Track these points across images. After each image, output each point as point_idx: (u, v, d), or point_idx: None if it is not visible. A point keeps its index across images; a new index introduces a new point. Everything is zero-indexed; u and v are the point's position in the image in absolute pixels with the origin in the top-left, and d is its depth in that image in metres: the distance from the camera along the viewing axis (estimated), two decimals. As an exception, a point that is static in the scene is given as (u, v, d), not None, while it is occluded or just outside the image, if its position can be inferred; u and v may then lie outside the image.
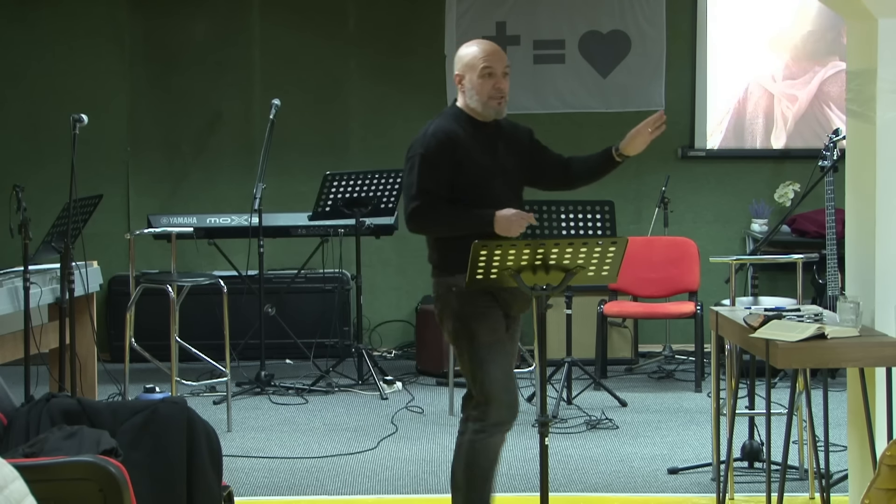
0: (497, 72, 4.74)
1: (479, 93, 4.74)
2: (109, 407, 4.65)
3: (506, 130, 4.86)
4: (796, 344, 4.53)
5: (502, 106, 4.78)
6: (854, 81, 4.98)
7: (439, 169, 4.70)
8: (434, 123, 4.83)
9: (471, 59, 4.76)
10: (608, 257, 4.38)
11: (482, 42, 4.86)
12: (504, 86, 4.76)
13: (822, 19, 9.13)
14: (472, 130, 4.77)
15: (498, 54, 4.79)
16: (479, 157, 4.73)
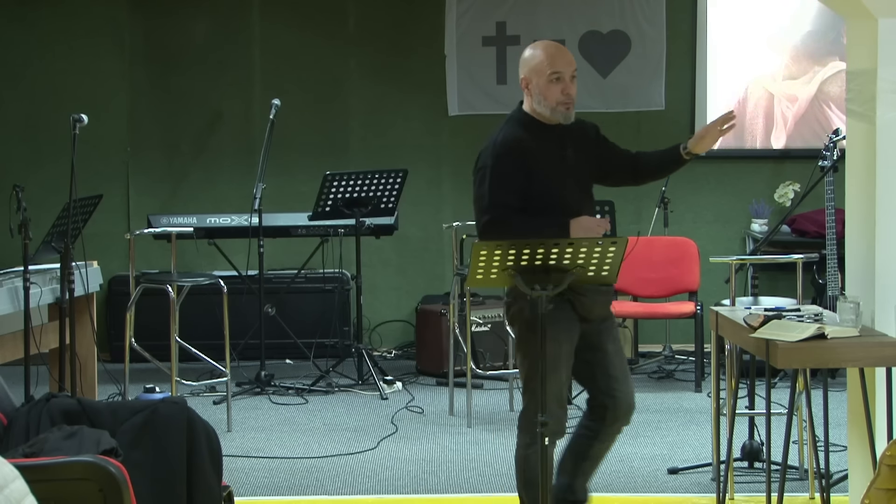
0: (565, 76, 4.71)
1: (547, 98, 4.69)
2: (109, 407, 4.65)
3: (573, 130, 4.79)
4: (796, 344, 4.53)
5: (570, 111, 4.73)
6: (854, 81, 4.98)
7: (509, 180, 4.62)
8: (502, 131, 4.73)
9: (537, 64, 4.70)
10: (608, 257, 4.38)
11: (549, 45, 4.79)
12: (573, 90, 4.72)
13: (822, 19, 9.13)
14: (541, 135, 4.71)
15: (565, 58, 4.74)
16: (549, 162, 4.67)
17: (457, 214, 9.02)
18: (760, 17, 9.20)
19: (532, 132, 4.69)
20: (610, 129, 5.00)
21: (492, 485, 6.01)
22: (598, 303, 4.72)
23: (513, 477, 6.09)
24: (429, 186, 9.34)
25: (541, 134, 4.70)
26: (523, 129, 4.70)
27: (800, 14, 9.19)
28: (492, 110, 9.32)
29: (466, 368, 7.20)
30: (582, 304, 4.66)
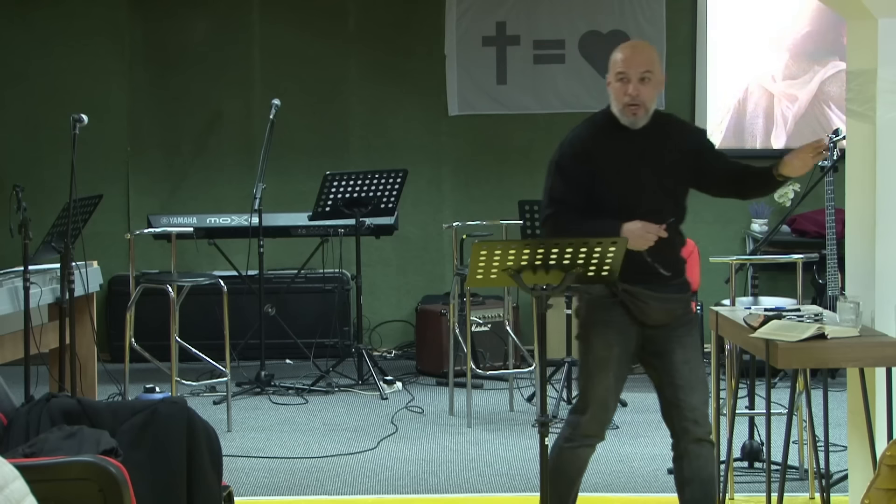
0: (631, 77, 4.52)
1: (616, 99, 4.54)
2: (109, 407, 4.65)
3: (663, 133, 4.60)
4: (796, 344, 4.53)
5: (638, 115, 4.53)
6: (854, 81, 4.98)
7: (571, 178, 4.54)
8: (576, 129, 4.65)
9: (611, 62, 4.56)
10: (608, 257, 4.37)
11: (628, 43, 4.68)
12: (639, 91, 4.50)
13: (822, 19, 9.13)
14: (617, 135, 4.56)
15: (635, 58, 4.55)
16: (619, 164, 4.53)
17: (457, 214, 9.02)
18: (760, 17, 9.20)
19: (607, 132, 4.57)
20: None
21: (492, 485, 6.01)
22: (656, 308, 4.59)
23: (512, 477, 6.11)
24: (429, 186, 9.34)
25: (617, 135, 4.56)
26: (597, 129, 4.60)
27: (800, 14, 9.19)
28: (492, 110, 9.34)
29: (466, 368, 7.20)
30: (637, 308, 4.57)
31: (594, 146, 4.55)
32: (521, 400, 7.58)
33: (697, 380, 4.63)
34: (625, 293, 4.53)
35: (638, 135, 4.57)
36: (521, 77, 9.29)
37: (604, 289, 4.55)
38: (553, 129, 9.35)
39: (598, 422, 4.63)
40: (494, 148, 9.38)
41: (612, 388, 4.62)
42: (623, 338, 4.60)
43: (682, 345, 4.64)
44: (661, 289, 4.58)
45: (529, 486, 5.81)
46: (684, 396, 4.60)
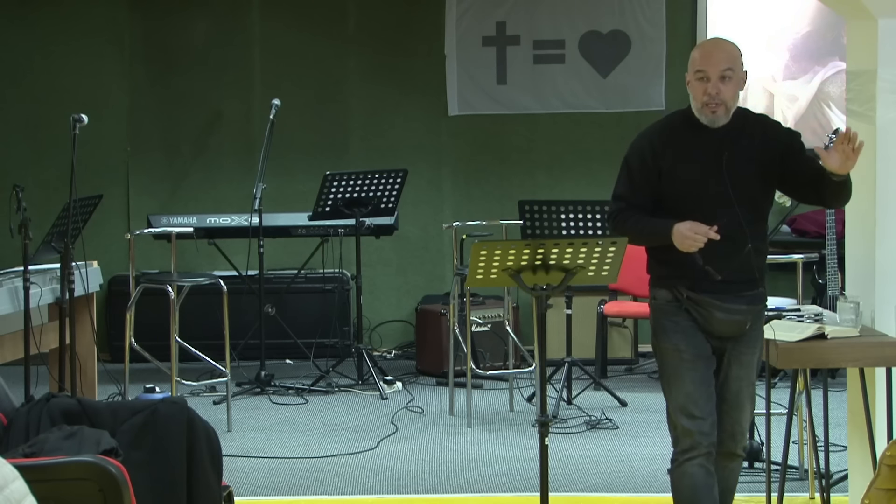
0: (711, 75, 4.37)
1: (694, 98, 4.40)
2: (109, 407, 4.65)
3: (743, 134, 4.43)
4: (796, 344, 4.53)
5: (718, 114, 4.37)
6: (854, 81, 4.98)
7: (636, 176, 4.43)
8: (651, 125, 4.55)
9: (690, 60, 4.43)
10: (608, 257, 4.38)
11: (708, 40, 4.56)
12: (718, 90, 4.35)
13: (821, 19, 9.13)
14: (690, 134, 4.42)
15: (714, 55, 4.40)
16: (690, 166, 4.38)
17: (457, 214, 9.02)
18: (760, 17, 9.20)
19: (681, 131, 4.44)
20: (610, 130, 4.96)
21: (492, 485, 6.01)
22: (721, 319, 4.40)
23: (512, 477, 6.11)
24: (429, 186, 9.34)
25: (692, 134, 4.41)
26: (668, 127, 4.48)
27: (800, 14, 9.19)
28: (492, 110, 9.34)
29: (466, 368, 7.19)
30: (702, 317, 4.41)
31: (663, 144, 4.41)
32: (521, 400, 7.58)
33: (747, 398, 4.50)
34: (689, 300, 4.40)
35: (714, 135, 4.40)
36: (521, 77, 9.29)
37: (668, 294, 4.43)
38: (553, 129, 9.37)
39: (689, 435, 4.40)
40: (494, 148, 9.37)
41: (695, 395, 4.40)
42: (692, 341, 4.42)
43: (741, 362, 4.46)
44: (730, 299, 4.38)
45: (529, 486, 5.81)
46: (729, 410, 4.48)
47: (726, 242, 4.30)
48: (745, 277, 4.38)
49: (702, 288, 4.37)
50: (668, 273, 4.44)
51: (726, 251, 4.32)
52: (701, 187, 4.37)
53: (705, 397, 4.39)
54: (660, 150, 4.40)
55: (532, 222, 7.37)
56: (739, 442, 4.54)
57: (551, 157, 9.27)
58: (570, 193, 8.47)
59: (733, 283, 4.37)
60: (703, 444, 4.39)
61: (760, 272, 4.43)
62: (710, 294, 4.37)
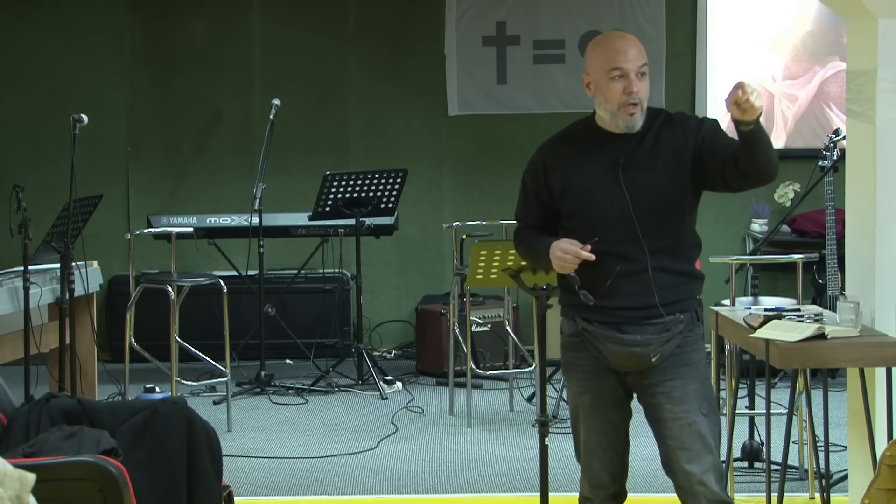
0: (630, 72, 3.89)
1: (608, 100, 3.91)
2: (109, 407, 4.65)
3: (650, 137, 3.95)
4: (796, 344, 4.53)
5: (637, 115, 3.91)
6: (854, 81, 4.98)
7: (529, 194, 4.09)
8: (551, 136, 4.17)
9: (598, 58, 3.93)
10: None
11: (613, 35, 4.01)
12: (638, 88, 3.88)
13: (822, 19, 9.13)
14: (590, 143, 3.99)
15: (630, 50, 3.91)
16: (585, 177, 3.95)
17: (457, 214, 9.02)
18: (761, 17, 9.20)
19: (576, 142, 4.04)
20: None
21: (492, 485, 6.01)
22: (613, 353, 3.93)
23: (512, 477, 6.11)
24: (429, 186, 9.34)
25: (588, 144, 4.00)
26: (564, 139, 4.09)
27: (800, 14, 9.19)
28: (492, 110, 9.34)
29: (466, 368, 7.19)
30: (598, 350, 3.98)
31: (556, 158, 4.02)
32: (521, 400, 7.58)
33: (692, 438, 3.91)
34: (584, 333, 3.97)
35: (619, 142, 3.95)
36: (521, 77, 9.29)
37: (570, 326, 4.02)
38: (553, 129, 9.31)
39: (587, 482, 4.11)
40: (494, 148, 9.37)
41: (594, 446, 4.03)
42: (592, 383, 3.99)
43: (672, 398, 3.92)
44: (632, 329, 3.90)
45: (529, 486, 5.81)
46: (676, 458, 3.93)
47: (620, 261, 3.86)
48: (644, 303, 3.90)
49: (595, 318, 3.93)
50: (568, 301, 4.02)
51: (628, 271, 3.88)
52: (596, 201, 3.92)
53: (605, 446, 4.02)
54: (552, 166, 4.01)
55: (532, 222, 7.35)
56: (704, 493, 3.90)
57: (551, 157, 9.26)
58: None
59: (630, 309, 3.90)
60: (599, 496, 4.10)
61: (670, 297, 3.93)
62: (602, 325, 3.92)
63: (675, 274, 3.98)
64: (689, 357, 3.97)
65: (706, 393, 4.00)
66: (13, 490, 2.91)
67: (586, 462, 4.09)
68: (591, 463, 4.07)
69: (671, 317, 3.93)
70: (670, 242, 3.98)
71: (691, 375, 3.95)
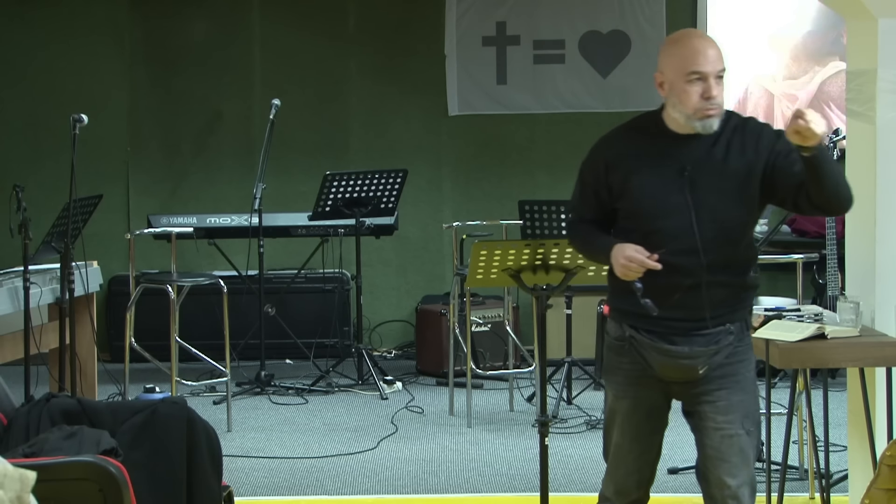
0: (709, 75, 3.75)
1: (683, 103, 3.77)
2: (109, 407, 4.65)
3: (723, 142, 3.79)
4: (796, 344, 4.53)
5: (714, 118, 3.76)
6: (854, 81, 4.98)
7: (587, 190, 3.94)
8: (615, 128, 3.99)
9: (676, 59, 3.79)
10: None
11: (691, 34, 3.89)
12: (717, 93, 3.74)
13: (822, 19, 9.13)
14: (657, 142, 3.84)
15: (710, 53, 3.76)
16: (648, 180, 3.80)
17: (457, 214, 9.02)
18: (761, 16, 9.20)
19: (646, 139, 3.87)
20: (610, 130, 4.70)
21: (492, 485, 6.01)
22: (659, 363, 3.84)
23: (512, 477, 6.11)
24: (429, 186, 9.34)
25: (655, 143, 3.84)
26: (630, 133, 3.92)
27: (800, 14, 9.19)
28: (492, 110, 9.34)
29: (466, 368, 7.19)
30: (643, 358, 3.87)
31: (621, 156, 3.86)
32: (521, 400, 7.58)
33: (731, 450, 3.83)
34: (631, 339, 3.87)
35: (688, 146, 3.80)
36: (521, 77, 9.29)
37: (616, 329, 3.92)
38: (553, 129, 9.36)
39: (612, 484, 4.01)
40: (494, 148, 9.37)
41: (625, 451, 3.95)
42: (636, 390, 3.90)
43: (717, 408, 3.83)
44: (679, 339, 3.81)
45: (529, 486, 5.81)
46: (713, 468, 3.85)
47: (675, 272, 3.74)
48: (695, 315, 3.79)
49: (643, 326, 3.83)
50: (617, 304, 3.94)
51: (674, 283, 3.76)
52: (657, 208, 3.79)
53: (636, 453, 3.95)
54: (614, 163, 3.85)
55: (532, 222, 7.37)
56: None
57: (551, 157, 9.26)
58: (569, 193, 8.43)
59: (680, 321, 3.79)
60: (621, 501, 4.02)
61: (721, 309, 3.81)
62: (650, 334, 3.82)
63: (730, 287, 3.84)
64: (737, 368, 3.86)
65: (752, 408, 3.89)
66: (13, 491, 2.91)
67: (614, 465, 4.00)
68: (619, 467, 3.99)
69: (720, 328, 3.82)
70: (729, 256, 3.81)
71: (738, 387, 3.85)
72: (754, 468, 3.93)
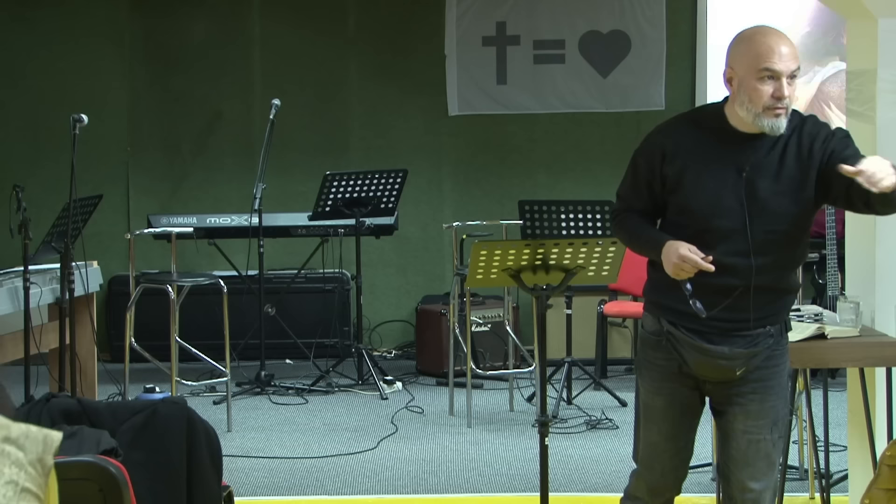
0: (783, 74, 3.65)
1: (753, 100, 3.65)
2: (109, 407, 4.65)
3: (783, 142, 3.71)
4: (796, 344, 4.52)
5: (782, 118, 3.65)
6: (854, 81, 4.98)
7: (640, 179, 3.82)
8: (674, 118, 3.88)
9: (748, 53, 3.72)
10: (608, 257, 4.37)
11: (767, 30, 3.81)
12: (789, 93, 3.64)
13: (821, 19, 9.14)
14: (717, 138, 3.74)
15: (785, 51, 3.68)
16: (704, 176, 3.71)
17: (457, 214, 9.02)
18: (760, 17, 9.19)
19: (706, 132, 3.77)
20: (610, 130, 4.75)
21: (492, 485, 6.01)
22: (696, 362, 3.77)
23: (512, 477, 6.10)
24: (429, 186, 9.34)
25: (718, 138, 3.75)
26: (690, 125, 3.82)
27: (799, 14, 9.19)
28: (492, 110, 9.34)
29: (466, 368, 7.19)
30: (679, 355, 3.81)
31: (679, 147, 3.75)
32: (521, 400, 7.58)
33: (758, 455, 3.80)
34: (669, 335, 3.79)
35: (747, 145, 3.71)
36: (521, 77, 9.29)
37: (653, 324, 3.85)
38: (553, 129, 9.37)
39: (643, 483, 3.96)
40: (494, 148, 9.38)
41: (660, 448, 3.89)
42: (671, 386, 3.84)
43: (747, 411, 3.80)
44: (718, 339, 3.75)
45: (529, 486, 5.81)
46: (736, 470, 3.83)
47: (724, 273, 3.66)
48: (737, 317, 3.74)
49: (682, 323, 3.76)
50: (656, 298, 3.86)
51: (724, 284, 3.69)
52: (712, 207, 3.70)
53: (672, 451, 3.89)
54: (672, 153, 3.74)
55: (532, 222, 7.37)
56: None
57: (551, 157, 9.27)
58: (570, 193, 8.47)
59: (722, 321, 3.73)
60: (656, 501, 3.98)
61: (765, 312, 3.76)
62: (689, 332, 3.76)
63: (776, 291, 3.79)
64: (773, 372, 3.83)
65: (782, 413, 3.89)
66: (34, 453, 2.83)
67: (648, 464, 3.93)
68: (654, 466, 3.92)
69: (761, 330, 3.78)
70: (779, 260, 3.75)
71: (771, 392, 3.83)
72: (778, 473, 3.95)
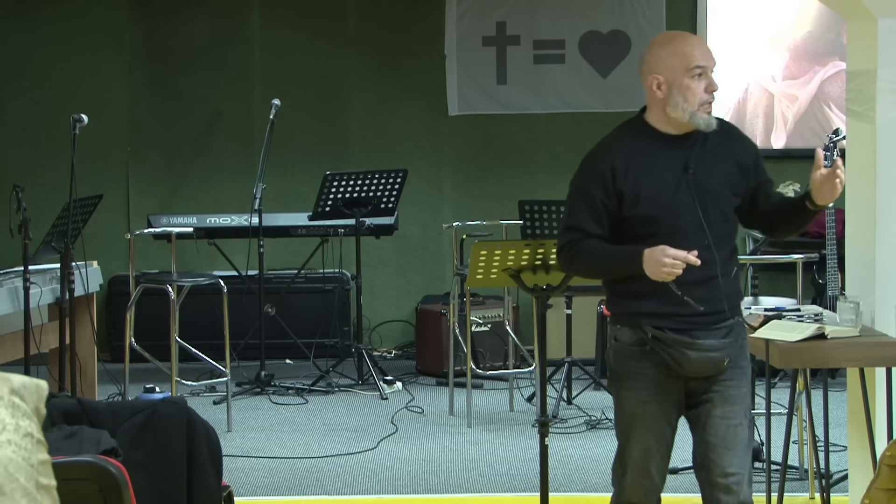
0: (709, 70, 3.86)
1: (688, 99, 3.81)
2: (109, 407, 4.65)
3: (715, 142, 3.90)
4: (796, 344, 4.53)
5: (712, 115, 3.89)
6: (854, 81, 4.98)
7: (593, 201, 3.87)
8: (602, 141, 3.99)
9: (676, 56, 3.85)
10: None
11: (683, 34, 4.01)
12: (716, 86, 3.87)
13: (822, 19, 9.13)
14: (655, 145, 3.89)
15: (706, 49, 3.90)
16: (655, 183, 3.85)
17: (457, 214, 9.02)
18: (760, 17, 9.20)
19: (644, 144, 3.90)
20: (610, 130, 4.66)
21: (492, 485, 6.01)
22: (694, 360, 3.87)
23: (512, 477, 6.11)
24: (429, 186, 9.34)
25: (658, 146, 3.89)
26: (626, 140, 3.94)
27: (800, 14, 9.19)
28: (492, 110, 9.34)
29: (466, 368, 7.19)
30: (672, 359, 3.88)
31: (628, 162, 3.86)
32: (521, 400, 7.58)
33: (736, 440, 3.92)
34: (655, 341, 3.87)
35: (683, 145, 3.89)
36: (521, 77, 9.29)
37: (632, 335, 3.91)
38: (553, 129, 9.37)
39: (640, 488, 4.00)
40: (494, 148, 9.38)
41: (653, 452, 3.97)
42: (658, 392, 3.93)
43: (724, 397, 3.92)
44: (702, 334, 3.87)
45: (529, 486, 5.81)
46: (716, 457, 3.92)
47: (698, 269, 3.78)
48: (714, 308, 3.88)
49: (670, 324, 3.86)
50: (633, 309, 3.91)
51: (700, 279, 3.82)
52: (671, 207, 3.85)
53: (663, 451, 3.99)
54: (622, 170, 3.84)
55: (532, 222, 7.37)
56: (737, 494, 3.92)
57: (551, 157, 9.27)
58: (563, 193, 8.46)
59: (702, 315, 3.86)
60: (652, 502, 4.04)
61: (733, 300, 3.95)
62: (679, 332, 3.85)
63: (735, 278, 3.98)
64: (742, 359, 3.99)
65: (748, 399, 4.04)
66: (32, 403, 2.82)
67: (642, 469, 3.98)
68: (649, 469, 3.98)
69: (733, 319, 3.94)
70: (731, 247, 3.97)
71: (744, 379, 3.98)
72: None
